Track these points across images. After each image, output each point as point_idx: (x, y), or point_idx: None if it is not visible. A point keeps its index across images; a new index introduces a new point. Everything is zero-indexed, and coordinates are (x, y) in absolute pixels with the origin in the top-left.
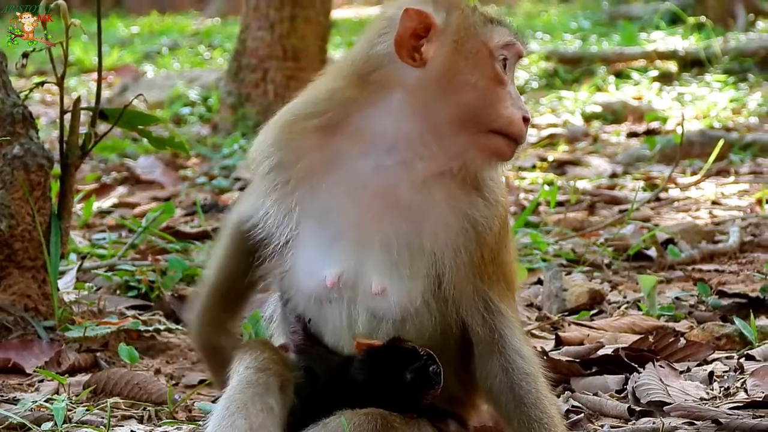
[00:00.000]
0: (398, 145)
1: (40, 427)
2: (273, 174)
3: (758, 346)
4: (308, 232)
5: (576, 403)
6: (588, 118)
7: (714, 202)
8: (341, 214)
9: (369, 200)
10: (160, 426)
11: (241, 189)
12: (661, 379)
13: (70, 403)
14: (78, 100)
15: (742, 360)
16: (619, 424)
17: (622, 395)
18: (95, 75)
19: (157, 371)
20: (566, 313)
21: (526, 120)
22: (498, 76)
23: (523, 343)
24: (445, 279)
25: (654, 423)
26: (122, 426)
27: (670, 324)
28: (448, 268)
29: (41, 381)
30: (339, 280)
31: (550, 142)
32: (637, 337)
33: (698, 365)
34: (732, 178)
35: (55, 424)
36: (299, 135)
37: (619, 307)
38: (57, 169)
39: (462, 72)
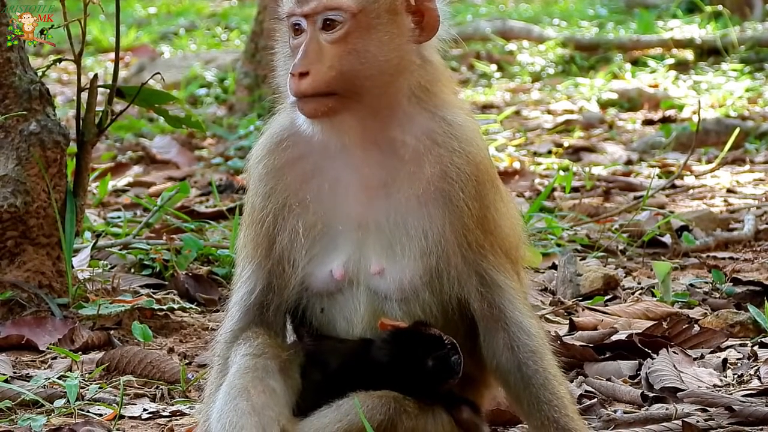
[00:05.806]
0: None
1: (52, 403)
2: (265, 202)
3: None
4: (311, 241)
5: (589, 388)
6: (604, 105)
7: (729, 190)
8: (334, 213)
9: (354, 193)
10: (172, 405)
11: None
12: (674, 366)
13: (83, 380)
14: (95, 77)
15: (755, 347)
16: (632, 410)
17: (635, 381)
18: (112, 55)
19: (171, 350)
20: (580, 299)
21: (292, 75)
22: (290, 44)
23: (526, 317)
24: (434, 256)
25: (667, 409)
26: (135, 404)
27: (684, 311)
28: (433, 244)
29: (54, 358)
30: (345, 271)
31: (566, 128)
32: (650, 323)
33: (712, 352)
34: (747, 167)
35: (68, 401)
36: (278, 157)
37: (633, 293)
38: (73, 147)
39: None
